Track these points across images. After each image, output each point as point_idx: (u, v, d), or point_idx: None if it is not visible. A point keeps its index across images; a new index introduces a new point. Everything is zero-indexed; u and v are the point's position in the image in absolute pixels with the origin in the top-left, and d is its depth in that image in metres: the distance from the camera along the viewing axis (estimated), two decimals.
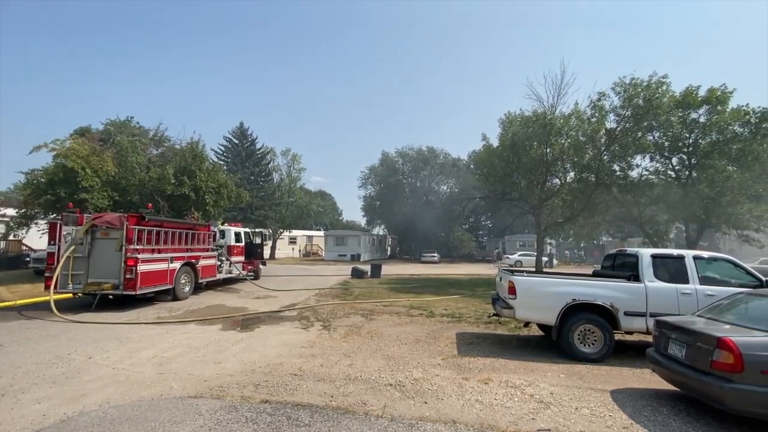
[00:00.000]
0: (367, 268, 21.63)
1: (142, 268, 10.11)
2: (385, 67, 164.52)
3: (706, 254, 6.91)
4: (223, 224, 17.09)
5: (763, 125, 15.50)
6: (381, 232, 54.83)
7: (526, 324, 7.82)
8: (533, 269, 19.89)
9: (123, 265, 9.94)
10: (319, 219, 71.10)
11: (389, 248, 53.25)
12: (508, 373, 5.66)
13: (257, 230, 18.60)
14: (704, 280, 6.37)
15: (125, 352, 6.38)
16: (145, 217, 10.78)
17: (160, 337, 7.49)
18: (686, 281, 6.33)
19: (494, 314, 7.76)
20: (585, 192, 18.92)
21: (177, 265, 11.63)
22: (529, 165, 18.91)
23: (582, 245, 45.86)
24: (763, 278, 6.30)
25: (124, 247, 10.01)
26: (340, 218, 75.36)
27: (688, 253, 6.64)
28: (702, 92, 17.03)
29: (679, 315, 5.59)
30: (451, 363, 6.08)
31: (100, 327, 8.25)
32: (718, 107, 16.37)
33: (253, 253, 17.38)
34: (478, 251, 51.82)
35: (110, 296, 10.26)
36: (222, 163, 39.00)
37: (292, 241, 46.72)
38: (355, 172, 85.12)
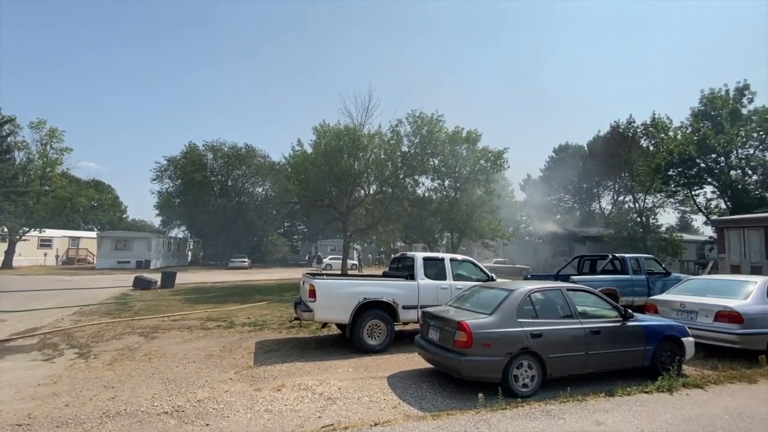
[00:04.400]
0: (158, 276, 18.44)
1: None
2: (191, 49, 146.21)
3: (459, 257, 8.93)
4: None
5: (498, 161, 21.63)
6: (181, 235, 47.78)
7: (324, 325, 8.24)
8: (340, 272, 21.29)
9: None
10: (92, 216, 56.57)
11: (190, 253, 46.97)
12: (303, 375, 5.78)
13: None
14: (456, 277, 8.18)
15: None
16: None
17: None
18: (444, 278, 8.00)
19: (295, 318, 7.84)
20: (383, 203, 21.70)
21: None
22: (339, 175, 20.29)
23: (382, 250, 52.07)
24: (490, 274, 8.57)
25: None
26: (125, 217, 61.97)
27: (446, 256, 8.43)
28: (464, 133, 22.34)
29: (437, 306, 6.97)
30: (245, 375, 5.77)
31: None
32: (471, 146, 21.91)
33: None
34: (292, 255, 51.79)
35: None
36: None
37: (46, 243, 35.44)
38: (148, 162, 71.46)
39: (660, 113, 25.60)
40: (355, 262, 35.36)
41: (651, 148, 28.73)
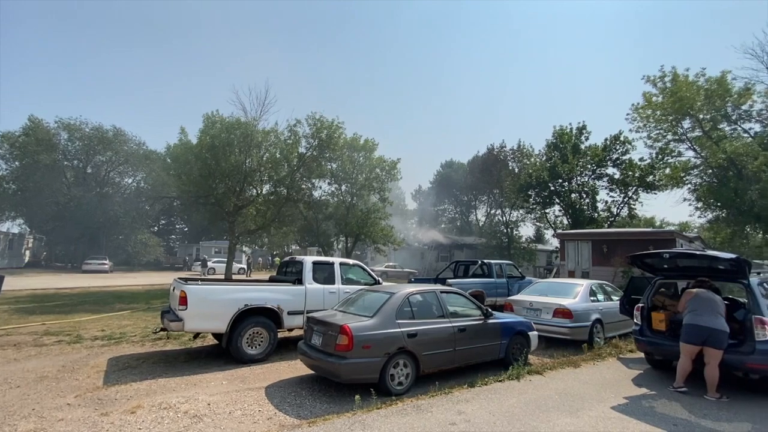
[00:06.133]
0: None
1: None
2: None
3: (350, 261, 9.04)
4: None
5: (392, 171, 22.79)
6: (15, 230, 38.41)
7: (196, 336, 7.50)
8: (223, 276, 19.66)
9: None
10: None
11: (29, 253, 38.10)
12: (166, 393, 5.16)
13: None
14: (346, 281, 8.27)
15: None
16: None
17: None
18: (333, 282, 8.02)
19: (162, 329, 6.95)
20: (277, 204, 20.85)
21: None
22: (228, 171, 18.81)
23: (275, 253, 49.83)
24: (377, 278, 8.90)
25: None
26: None
27: (336, 260, 8.48)
28: (362, 140, 22.99)
29: (324, 310, 6.95)
30: (90, 398, 4.89)
31: None
32: (368, 153, 22.73)
33: None
34: (168, 258, 45.94)
35: None
36: None
37: None
38: None
39: (525, 141, 30.14)
40: (244, 266, 33.16)
41: (517, 170, 33.73)
